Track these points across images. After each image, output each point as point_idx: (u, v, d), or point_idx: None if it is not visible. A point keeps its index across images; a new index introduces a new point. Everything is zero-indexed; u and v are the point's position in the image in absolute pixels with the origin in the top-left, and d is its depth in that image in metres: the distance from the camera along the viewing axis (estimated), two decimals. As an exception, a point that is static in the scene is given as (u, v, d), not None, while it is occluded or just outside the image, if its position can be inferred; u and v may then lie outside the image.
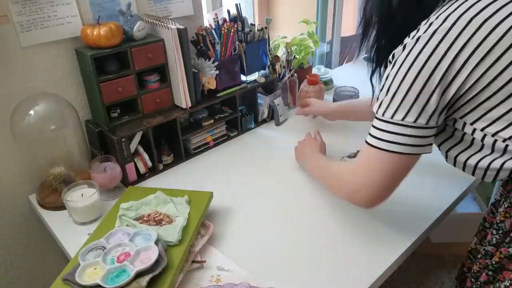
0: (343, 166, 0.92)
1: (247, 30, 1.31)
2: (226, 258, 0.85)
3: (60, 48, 1.05)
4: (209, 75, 1.20)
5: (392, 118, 0.70)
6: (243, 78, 1.35)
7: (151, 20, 1.11)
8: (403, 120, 0.69)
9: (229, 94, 1.26)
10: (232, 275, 0.81)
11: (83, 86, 1.11)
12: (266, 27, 1.34)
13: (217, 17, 1.26)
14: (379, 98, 0.72)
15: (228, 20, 1.28)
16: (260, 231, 0.93)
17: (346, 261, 0.84)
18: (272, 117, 1.44)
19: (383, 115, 0.71)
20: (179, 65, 1.10)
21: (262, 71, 1.39)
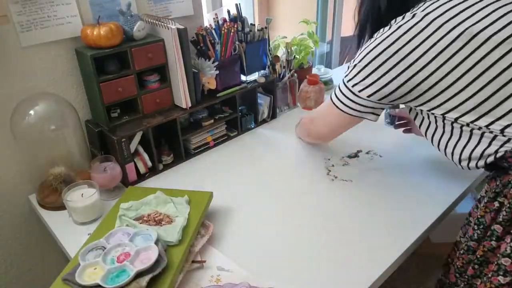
0: (305, 118, 1.19)
1: (247, 30, 1.30)
2: (226, 258, 0.85)
3: (60, 48, 1.05)
4: (209, 75, 1.20)
5: (353, 87, 0.87)
6: (243, 78, 1.35)
7: (151, 20, 1.11)
8: (360, 92, 0.86)
9: (229, 94, 1.26)
10: (232, 275, 0.81)
11: (83, 86, 1.11)
12: (266, 27, 1.34)
13: (217, 17, 1.26)
14: (352, 62, 0.87)
15: (228, 20, 1.28)
16: (260, 231, 0.93)
17: (346, 261, 0.84)
18: (273, 116, 1.44)
19: (348, 82, 0.88)
20: (179, 65, 1.10)
21: (262, 71, 1.39)
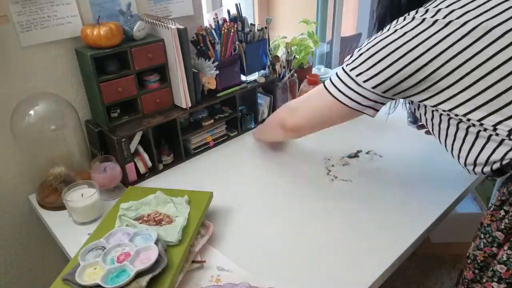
0: (277, 111, 1.06)
1: (247, 30, 1.30)
2: (226, 258, 0.85)
3: (60, 48, 1.05)
4: (209, 75, 1.20)
5: (357, 77, 0.79)
6: (243, 78, 1.35)
7: (151, 20, 1.11)
8: (365, 82, 0.78)
9: (229, 94, 1.26)
10: (232, 275, 0.81)
11: (83, 86, 1.11)
12: (266, 27, 1.34)
13: (217, 17, 1.26)
14: (357, 50, 0.80)
15: (228, 20, 1.28)
16: (260, 231, 0.93)
17: (346, 261, 0.84)
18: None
19: (351, 71, 0.79)
20: (179, 65, 1.10)
21: (262, 71, 1.39)
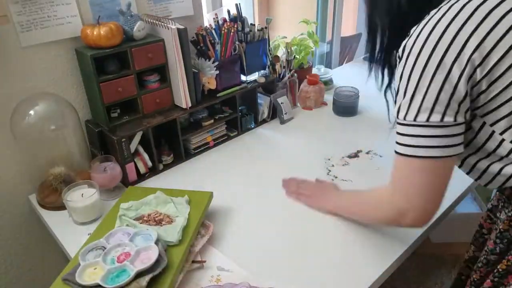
0: (376, 191, 0.80)
1: (247, 30, 1.30)
2: (226, 258, 0.85)
3: (60, 48, 1.05)
4: (209, 75, 1.20)
5: (415, 120, 0.63)
6: (243, 78, 1.35)
7: (151, 20, 1.11)
8: (428, 120, 0.62)
9: (229, 94, 1.26)
10: (232, 275, 0.81)
11: (83, 86, 1.11)
12: (266, 27, 1.34)
13: (217, 17, 1.26)
14: (397, 101, 0.67)
15: (228, 20, 1.28)
16: (260, 231, 0.93)
17: (346, 261, 0.84)
18: (273, 116, 1.44)
19: (405, 119, 0.64)
20: (179, 65, 1.10)
21: (262, 71, 1.39)
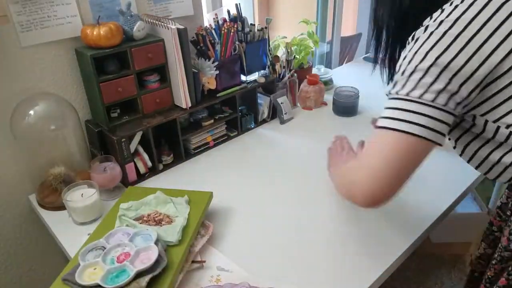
0: (349, 162, 0.77)
1: (247, 30, 1.30)
2: (226, 258, 0.85)
3: (60, 48, 1.05)
4: (209, 75, 1.20)
5: (408, 95, 0.62)
6: (243, 78, 1.35)
7: (151, 20, 1.11)
8: (421, 97, 0.61)
9: (229, 94, 1.26)
10: (232, 275, 0.81)
11: (83, 86, 1.11)
12: (266, 27, 1.34)
13: (217, 17, 1.26)
14: (394, 79, 0.66)
15: (228, 20, 1.28)
16: (260, 231, 0.93)
17: (346, 261, 0.84)
18: (273, 116, 1.44)
19: (398, 93, 0.63)
20: (179, 65, 1.10)
21: (262, 71, 1.39)
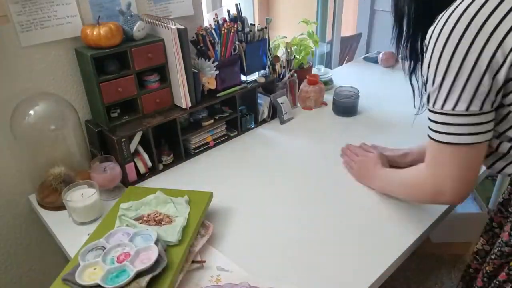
0: (412, 172, 0.85)
1: (247, 30, 1.30)
2: (226, 258, 0.85)
3: (60, 48, 1.05)
4: (209, 75, 1.20)
5: (442, 108, 0.66)
6: (243, 78, 1.35)
7: (151, 20, 1.11)
8: (454, 109, 0.65)
9: (229, 94, 1.26)
10: (232, 275, 0.81)
11: (83, 86, 1.11)
12: (266, 27, 1.34)
13: (217, 17, 1.26)
14: (427, 89, 0.69)
15: (228, 20, 1.28)
16: (260, 231, 0.93)
17: (346, 261, 0.84)
18: (273, 116, 1.44)
19: (434, 107, 0.68)
20: (179, 65, 1.10)
21: (262, 71, 1.39)
